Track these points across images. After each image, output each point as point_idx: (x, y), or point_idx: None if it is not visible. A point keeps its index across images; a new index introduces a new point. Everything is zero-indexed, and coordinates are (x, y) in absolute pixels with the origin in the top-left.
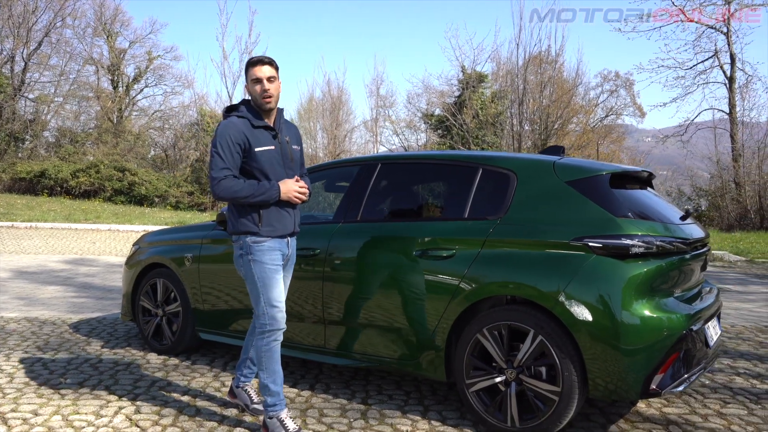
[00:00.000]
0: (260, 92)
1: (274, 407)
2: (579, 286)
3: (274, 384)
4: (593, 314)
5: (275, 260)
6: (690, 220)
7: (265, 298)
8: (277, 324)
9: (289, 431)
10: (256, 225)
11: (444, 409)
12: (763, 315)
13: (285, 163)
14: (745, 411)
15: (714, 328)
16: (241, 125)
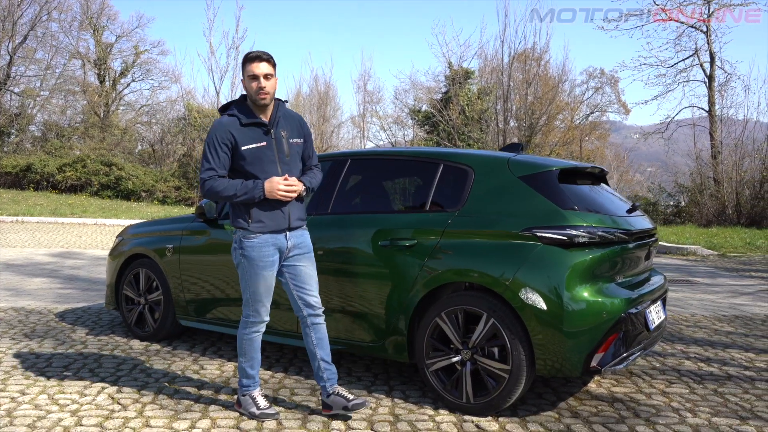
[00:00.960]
0: (256, 89)
1: (248, 387)
2: (527, 272)
3: (251, 369)
4: (539, 299)
5: (266, 256)
6: (638, 213)
7: (250, 292)
8: (260, 317)
9: (260, 407)
10: (246, 221)
11: (407, 388)
12: (724, 305)
13: (280, 158)
14: (687, 390)
15: (657, 313)
16: (229, 124)
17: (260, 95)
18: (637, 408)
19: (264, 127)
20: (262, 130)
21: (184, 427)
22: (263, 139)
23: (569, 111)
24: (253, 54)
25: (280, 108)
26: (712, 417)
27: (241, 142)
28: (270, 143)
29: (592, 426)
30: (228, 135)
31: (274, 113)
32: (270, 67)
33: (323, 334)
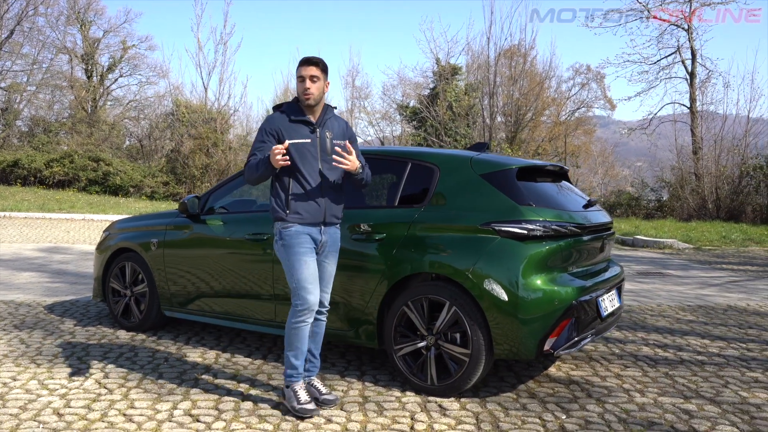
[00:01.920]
0: (301, 89)
1: (290, 377)
2: (486, 264)
3: (296, 359)
4: (497, 288)
5: (303, 243)
6: (594, 208)
7: (295, 280)
8: (308, 304)
9: (300, 401)
10: (284, 211)
11: (378, 373)
12: (690, 296)
13: (321, 156)
14: (641, 373)
15: (610, 301)
16: (278, 119)
17: (305, 95)
18: (591, 389)
19: (310, 125)
20: (309, 129)
21: (166, 408)
22: (308, 137)
23: (556, 107)
24: (304, 58)
25: (328, 111)
26: (659, 397)
27: (287, 136)
28: (314, 141)
29: (546, 405)
30: (276, 128)
31: (322, 115)
32: (318, 70)
33: (321, 330)
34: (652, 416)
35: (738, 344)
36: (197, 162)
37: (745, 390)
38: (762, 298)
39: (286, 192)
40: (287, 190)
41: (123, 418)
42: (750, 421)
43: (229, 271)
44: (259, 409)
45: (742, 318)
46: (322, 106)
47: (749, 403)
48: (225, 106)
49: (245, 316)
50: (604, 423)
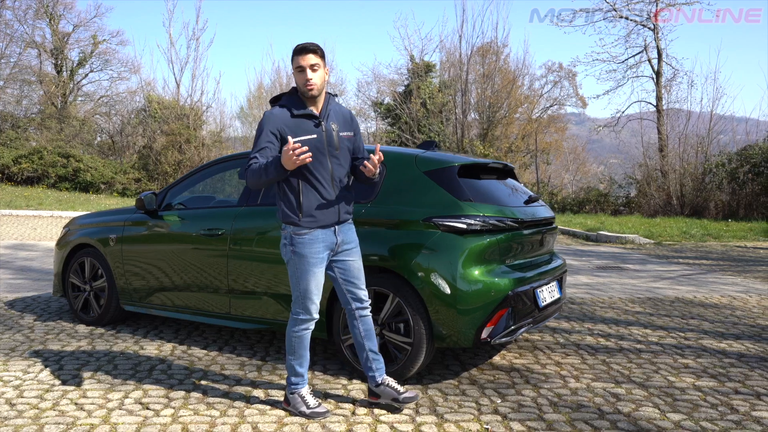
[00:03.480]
0: (303, 81)
1: (296, 385)
2: (426, 257)
3: (300, 366)
4: (436, 280)
5: (316, 252)
6: (537, 204)
7: (300, 289)
8: (310, 315)
9: (309, 405)
10: (296, 215)
11: (328, 363)
12: (642, 288)
13: (329, 151)
14: (579, 361)
15: (550, 292)
16: (280, 116)
17: (308, 86)
18: (530, 376)
19: (315, 119)
20: (313, 123)
21: (118, 397)
22: (314, 132)
23: (528, 104)
24: (300, 46)
25: (330, 101)
26: (592, 382)
27: (291, 134)
28: (320, 136)
29: (484, 391)
30: (278, 126)
31: (325, 106)
32: (317, 58)
33: (370, 326)
34: (582, 400)
35: (677, 333)
36: (170, 158)
37: (674, 375)
38: (709, 290)
39: (296, 194)
40: (297, 192)
41: (74, 407)
42: (672, 403)
43: (185, 265)
44: (208, 398)
45: (687, 309)
46: (324, 96)
47: (675, 387)
48: (198, 103)
49: (202, 310)
50: (536, 406)
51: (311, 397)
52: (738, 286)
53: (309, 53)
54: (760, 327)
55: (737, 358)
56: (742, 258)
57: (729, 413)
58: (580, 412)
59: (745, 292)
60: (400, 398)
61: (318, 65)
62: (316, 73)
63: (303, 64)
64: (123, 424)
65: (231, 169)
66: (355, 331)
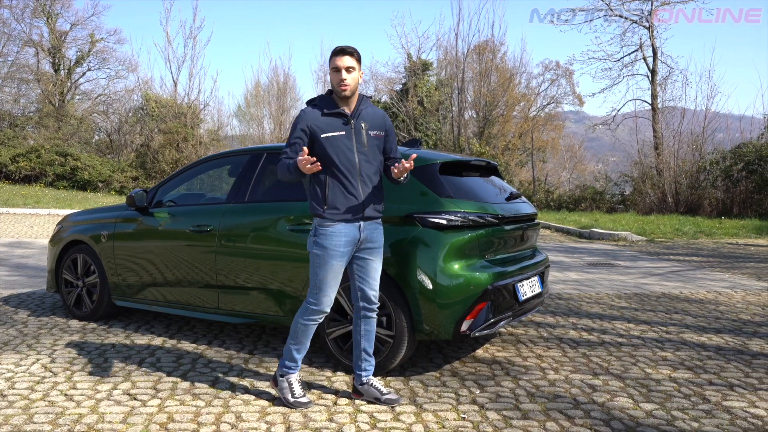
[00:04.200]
0: (337, 81)
1: (289, 369)
2: (407, 252)
3: (298, 353)
4: (417, 274)
5: (338, 245)
6: (518, 200)
7: (317, 280)
8: (321, 307)
9: (294, 394)
10: (321, 208)
11: (314, 356)
12: (630, 284)
13: (357, 148)
14: (561, 354)
15: (531, 287)
16: (310, 114)
17: (341, 86)
18: (510, 368)
19: (344, 117)
20: (342, 121)
21: (107, 388)
22: (342, 129)
23: (526, 103)
24: (338, 48)
25: (363, 102)
26: (571, 374)
27: (321, 131)
28: (349, 133)
29: (464, 382)
30: (308, 123)
31: (357, 106)
32: (353, 60)
33: (372, 327)
34: (559, 390)
35: (659, 327)
36: (167, 157)
37: (651, 367)
38: (696, 286)
39: (323, 187)
40: (323, 185)
41: (64, 397)
42: (646, 394)
43: (175, 261)
44: (194, 389)
45: (672, 304)
46: (357, 97)
47: (651, 378)
48: (195, 101)
49: (191, 304)
50: (513, 397)
51: (298, 386)
52: (725, 282)
53: (346, 55)
54: (741, 321)
55: (715, 351)
56: (732, 255)
57: (701, 403)
58: (556, 402)
59: (731, 288)
60: (382, 399)
61: (353, 68)
62: (350, 75)
63: (339, 65)
64: (110, 413)
65: (220, 166)
66: (357, 328)
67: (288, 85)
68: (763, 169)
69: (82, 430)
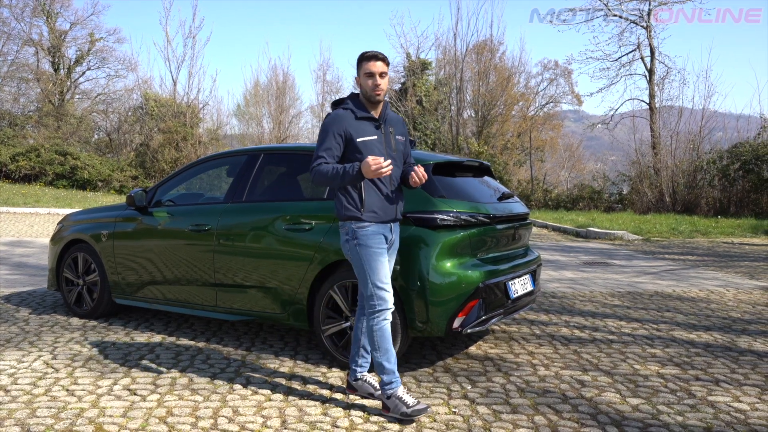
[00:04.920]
0: (372, 86)
1: (390, 385)
2: (401, 250)
3: (388, 362)
4: (409, 272)
5: (380, 243)
6: (512, 200)
7: (372, 280)
8: (386, 304)
9: (409, 406)
10: (358, 210)
11: (310, 353)
12: (624, 283)
13: (387, 153)
14: (552, 350)
15: (522, 285)
16: (345, 117)
17: (376, 92)
18: (502, 364)
19: (375, 122)
20: (374, 125)
21: (107, 384)
22: (375, 133)
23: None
24: (369, 53)
25: (387, 106)
26: (561, 370)
27: (356, 134)
28: (380, 137)
29: (456, 378)
30: (343, 127)
31: (383, 111)
32: (385, 66)
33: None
34: (549, 386)
35: (650, 325)
36: (166, 156)
37: (640, 364)
38: (689, 284)
39: (359, 191)
40: (360, 189)
41: (65, 392)
42: (634, 389)
43: (174, 260)
44: (193, 384)
45: (664, 302)
46: (383, 102)
47: (639, 374)
48: (194, 100)
49: (190, 302)
50: (503, 392)
51: (408, 396)
52: (718, 280)
53: (379, 61)
54: (731, 319)
55: (704, 348)
56: (726, 254)
57: (686, 398)
58: (545, 397)
59: (723, 287)
60: (376, 395)
61: (385, 73)
62: (383, 80)
63: (373, 71)
64: (111, 408)
65: (218, 167)
66: (359, 325)
67: (287, 84)
68: (760, 169)
69: (83, 423)
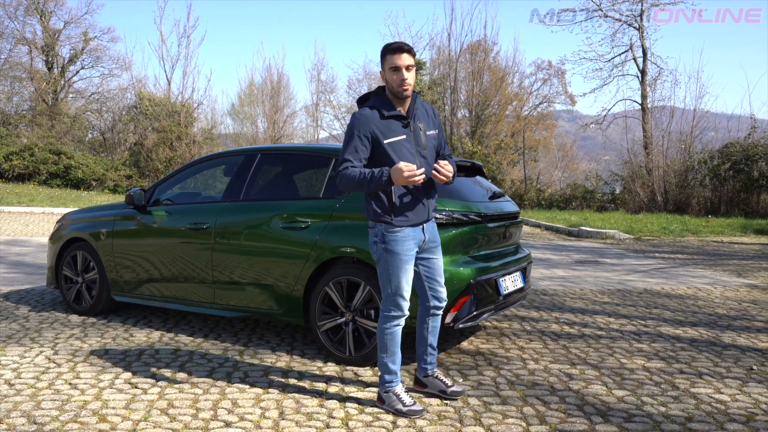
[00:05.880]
0: (398, 81)
1: (390, 383)
2: None
3: (393, 364)
4: None
5: (408, 250)
6: (503, 199)
7: (392, 285)
8: (401, 311)
9: (405, 404)
10: (389, 214)
11: (306, 348)
12: (614, 281)
13: (418, 151)
14: (542, 346)
15: (513, 281)
16: (371, 117)
17: (403, 87)
18: (493, 359)
19: (403, 120)
20: (402, 123)
21: (109, 378)
22: (402, 132)
23: (518, 102)
24: (394, 45)
25: (416, 99)
26: (550, 364)
27: (383, 136)
28: (409, 136)
29: (449, 371)
30: (369, 128)
31: (412, 105)
32: (411, 58)
33: (438, 323)
34: (538, 379)
35: (638, 321)
36: (161, 155)
37: (627, 358)
38: (677, 282)
39: (389, 193)
40: (389, 192)
41: (68, 386)
42: (620, 382)
43: (172, 258)
44: (192, 378)
45: (652, 300)
46: (411, 96)
47: (626, 368)
48: (189, 100)
49: (188, 299)
50: (494, 385)
51: (406, 395)
52: (706, 278)
53: (405, 53)
54: (717, 315)
55: (689, 342)
56: (716, 252)
57: (670, 390)
58: (534, 390)
59: (711, 284)
60: (448, 391)
61: (412, 65)
62: (410, 74)
63: (399, 64)
64: (114, 400)
65: (216, 166)
66: (424, 325)
67: (282, 84)
68: (750, 169)
69: (87, 415)
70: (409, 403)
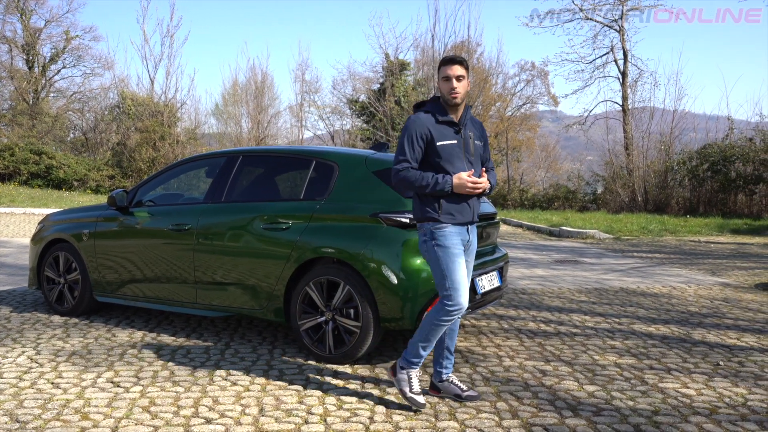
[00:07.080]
0: (448, 90)
1: (410, 364)
2: (373, 249)
3: (424, 350)
4: (381, 269)
5: (458, 245)
6: (481, 200)
7: (449, 280)
8: (460, 306)
9: (413, 389)
10: (436, 212)
11: (287, 347)
12: (591, 280)
13: (466, 157)
14: (518, 343)
15: (489, 281)
16: (426, 120)
17: (452, 95)
18: (470, 356)
19: (455, 126)
20: (454, 129)
21: (91, 377)
22: (454, 137)
23: (502, 103)
24: (448, 57)
25: (468, 111)
26: (525, 361)
27: (436, 138)
28: (459, 142)
29: (426, 369)
30: (425, 130)
31: (464, 115)
32: (462, 69)
33: (456, 327)
34: (512, 375)
35: (612, 319)
36: (144, 155)
37: (600, 354)
38: (653, 281)
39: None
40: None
41: (51, 385)
42: (591, 378)
43: (154, 258)
44: (174, 377)
45: (628, 298)
46: (463, 106)
47: (598, 364)
48: (172, 99)
49: (171, 299)
50: (469, 381)
51: (417, 382)
52: (681, 277)
53: (456, 64)
54: (689, 313)
55: (660, 339)
56: (692, 252)
57: (639, 385)
58: (508, 386)
59: (685, 283)
60: (463, 395)
61: (463, 76)
62: (460, 83)
63: (450, 74)
64: (96, 399)
65: (199, 168)
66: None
67: (266, 84)
68: (727, 170)
69: (70, 413)
70: (417, 391)
